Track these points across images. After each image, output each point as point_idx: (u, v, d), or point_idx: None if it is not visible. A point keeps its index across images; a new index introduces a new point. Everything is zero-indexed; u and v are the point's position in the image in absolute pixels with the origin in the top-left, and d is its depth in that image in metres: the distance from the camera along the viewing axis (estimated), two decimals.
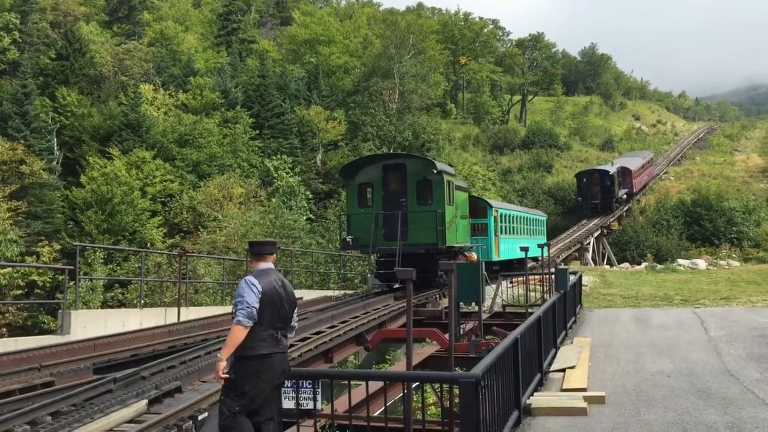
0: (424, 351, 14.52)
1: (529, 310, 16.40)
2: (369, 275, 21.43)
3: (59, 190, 41.32)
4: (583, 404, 7.82)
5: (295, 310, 5.83)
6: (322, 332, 12.25)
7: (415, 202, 19.39)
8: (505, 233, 32.24)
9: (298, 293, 22.26)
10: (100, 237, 37.55)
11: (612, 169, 58.33)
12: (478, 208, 28.82)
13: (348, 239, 19.53)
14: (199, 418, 6.82)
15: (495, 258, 29.86)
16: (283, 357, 5.69)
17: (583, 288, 23.01)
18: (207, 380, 8.63)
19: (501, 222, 31.52)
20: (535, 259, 31.61)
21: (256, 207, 39.69)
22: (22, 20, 59.50)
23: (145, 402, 7.15)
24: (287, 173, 47.36)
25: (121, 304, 29.96)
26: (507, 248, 32.07)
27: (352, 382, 6.53)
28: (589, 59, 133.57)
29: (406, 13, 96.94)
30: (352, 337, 13.38)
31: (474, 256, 23.99)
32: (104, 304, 29.51)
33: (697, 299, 24.96)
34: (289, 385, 5.86)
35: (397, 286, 19.12)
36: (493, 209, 30.77)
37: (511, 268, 30.16)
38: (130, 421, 6.70)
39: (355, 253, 25.31)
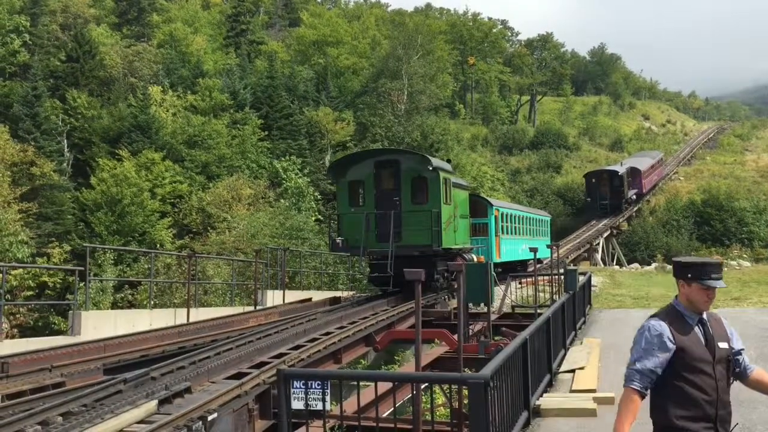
0: (432, 352, 14.50)
1: (539, 311, 16.35)
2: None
3: (69, 192, 41.49)
4: (592, 405, 7.80)
5: None
6: (331, 333, 12.26)
7: (410, 201, 18.38)
8: (507, 233, 31.05)
9: (307, 294, 22.22)
10: (110, 238, 37.69)
11: (621, 170, 58.12)
12: (478, 207, 27.66)
13: (338, 241, 18.71)
14: (209, 418, 6.84)
15: (496, 259, 28.28)
16: None
17: (592, 289, 22.95)
18: (216, 381, 8.66)
19: (502, 222, 30.28)
20: (539, 260, 31.13)
21: (266, 208, 39.76)
22: (32, 23, 59.94)
23: (155, 402, 7.17)
24: (296, 174, 47.42)
25: (131, 305, 30.08)
26: (509, 249, 30.93)
27: (361, 383, 6.54)
28: (598, 59, 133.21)
29: (414, 14, 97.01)
30: (360, 338, 13.37)
31: (482, 258, 23.82)
32: (114, 305, 29.62)
33: None
34: (298, 386, 5.87)
35: (391, 290, 18.17)
36: (494, 208, 29.60)
37: (513, 270, 29.38)
38: (140, 422, 6.72)
39: None
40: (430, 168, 18.14)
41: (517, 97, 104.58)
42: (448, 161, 22.93)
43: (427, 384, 9.85)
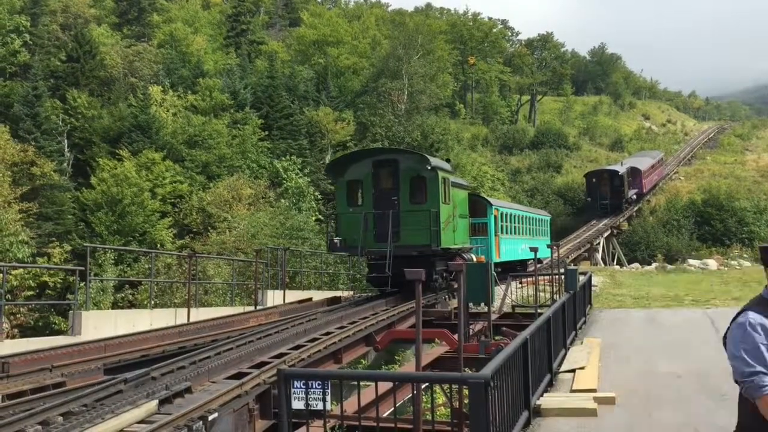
0: (433, 352, 14.50)
1: (539, 311, 16.35)
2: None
3: (70, 192, 41.51)
4: (593, 405, 7.79)
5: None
6: (332, 333, 12.26)
7: (408, 201, 18.18)
8: (506, 233, 30.67)
9: (307, 294, 22.14)
10: (110, 238, 37.69)
11: (621, 169, 58.15)
12: (477, 206, 27.37)
13: (336, 240, 18.43)
14: (210, 418, 6.84)
15: (495, 259, 27.80)
16: None
17: (593, 288, 22.94)
18: (217, 381, 8.67)
19: (502, 221, 29.92)
20: (539, 260, 30.88)
21: (266, 208, 39.79)
22: (32, 23, 59.94)
23: (155, 402, 7.17)
24: (296, 174, 47.45)
25: (132, 305, 30.06)
26: (508, 249, 30.62)
27: (361, 383, 6.54)
28: (599, 59, 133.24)
29: (415, 14, 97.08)
30: (361, 338, 13.37)
31: (482, 257, 23.77)
32: (114, 305, 29.62)
33: (707, 300, 24.81)
34: (298, 386, 5.87)
35: (390, 290, 17.97)
36: (493, 208, 29.22)
37: (513, 270, 29.20)
38: (141, 422, 6.72)
39: None
40: (429, 167, 17.93)
41: (517, 96, 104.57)
42: (448, 161, 22.74)
43: (427, 384, 9.86)
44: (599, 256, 51.18)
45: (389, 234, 17.47)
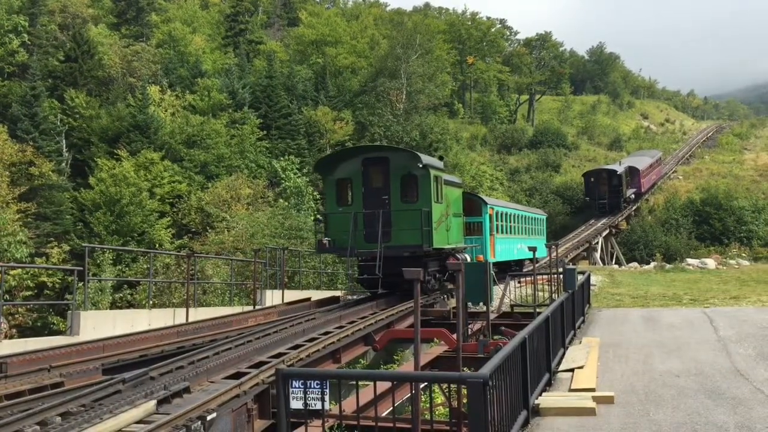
0: (432, 351, 14.48)
1: (538, 310, 16.35)
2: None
3: (68, 192, 41.52)
4: (591, 404, 7.79)
5: None
6: (330, 332, 12.25)
7: (399, 200, 17.58)
8: (502, 232, 30.18)
9: (306, 293, 22.06)
10: (108, 238, 37.69)
11: (620, 169, 58.20)
12: (472, 205, 26.90)
13: (324, 241, 17.78)
14: (208, 418, 6.83)
15: (490, 259, 27.00)
16: None
17: (591, 288, 22.95)
18: (215, 381, 8.66)
19: (497, 220, 29.39)
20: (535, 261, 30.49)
21: (264, 208, 39.78)
22: (30, 23, 59.85)
23: (153, 402, 7.16)
24: (295, 174, 47.45)
25: (130, 305, 30.07)
26: (504, 249, 30.15)
27: (360, 383, 6.53)
28: (597, 58, 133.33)
29: (413, 13, 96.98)
30: (359, 338, 13.36)
31: (481, 257, 23.69)
32: (113, 305, 29.62)
33: (706, 299, 24.85)
34: (297, 386, 5.87)
35: (380, 292, 17.41)
36: (489, 206, 28.61)
37: (509, 269, 29.03)
38: (139, 422, 6.71)
39: None
40: (420, 165, 17.35)
41: (516, 96, 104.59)
42: (441, 158, 22.45)
43: (426, 383, 9.85)
44: (598, 255, 51.21)
45: (379, 234, 16.99)
